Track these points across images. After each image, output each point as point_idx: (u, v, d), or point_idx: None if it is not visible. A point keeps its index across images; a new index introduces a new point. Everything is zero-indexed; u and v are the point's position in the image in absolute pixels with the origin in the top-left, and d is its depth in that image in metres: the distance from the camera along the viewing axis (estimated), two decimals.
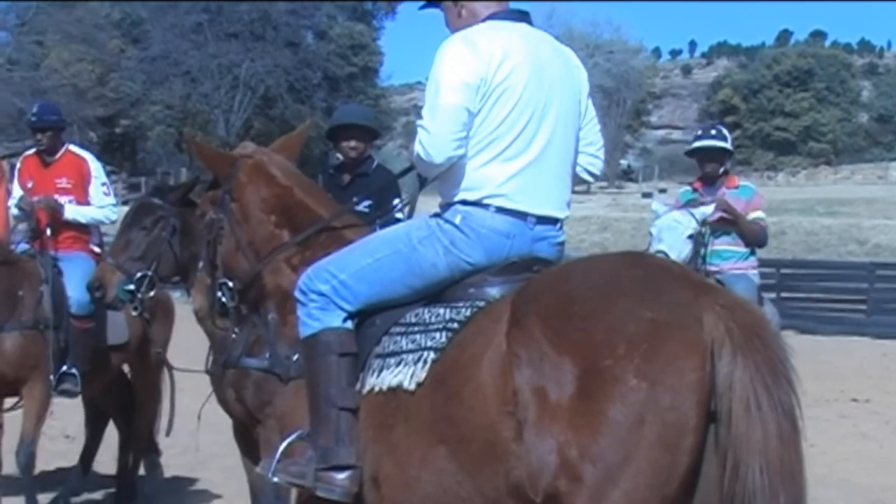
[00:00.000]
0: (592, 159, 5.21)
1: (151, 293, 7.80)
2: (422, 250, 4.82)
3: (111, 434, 10.50)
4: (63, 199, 9.60)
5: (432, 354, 4.56)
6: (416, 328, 4.72)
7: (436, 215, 4.92)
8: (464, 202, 4.80)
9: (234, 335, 6.18)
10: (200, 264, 5.79)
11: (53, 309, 9.07)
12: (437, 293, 4.84)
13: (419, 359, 4.60)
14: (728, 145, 9.43)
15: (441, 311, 4.71)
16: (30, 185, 9.80)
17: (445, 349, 4.54)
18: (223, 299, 5.56)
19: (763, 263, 9.81)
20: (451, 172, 4.83)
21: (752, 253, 9.31)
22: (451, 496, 4.43)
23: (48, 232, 9.50)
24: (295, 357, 5.15)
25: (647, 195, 70.28)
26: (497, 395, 4.23)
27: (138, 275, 7.60)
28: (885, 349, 25.13)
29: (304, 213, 5.48)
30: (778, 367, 4.04)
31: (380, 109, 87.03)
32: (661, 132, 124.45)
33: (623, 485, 3.94)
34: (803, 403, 4.09)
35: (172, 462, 11.12)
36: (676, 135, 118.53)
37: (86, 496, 10.53)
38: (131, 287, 7.60)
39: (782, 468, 3.95)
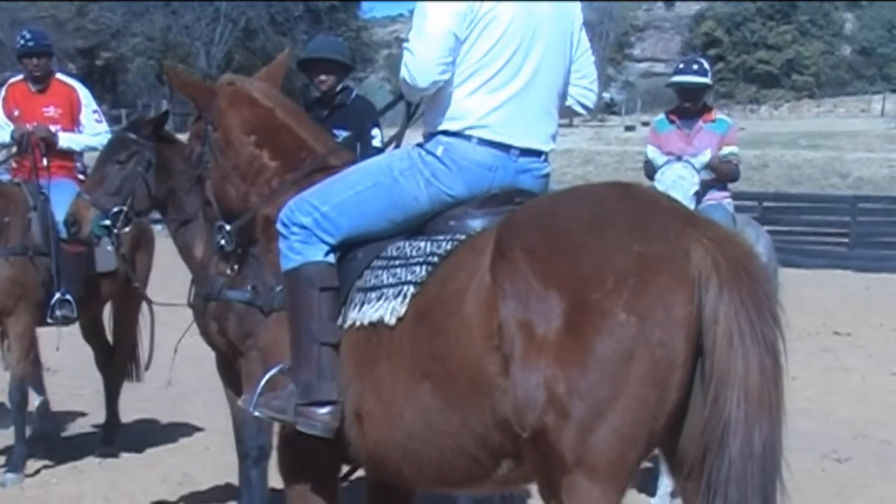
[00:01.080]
0: (585, 92, 5.17)
1: (127, 228, 7.76)
2: (403, 182, 4.78)
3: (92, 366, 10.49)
4: (52, 129, 9.55)
5: (412, 289, 4.52)
6: (397, 262, 4.68)
7: (418, 146, 4.87)
8: (446, 132, 4.75)
9: (229, 272, 6.16)
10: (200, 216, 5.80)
11: (42, 235, 9.04)
12: (419, 225, 4.80)
13: (399, 293, 4.56)
14: (708, 80, 9.37)
15: (422, 244, 4.67)
16: (16, 113, 9.78)
17: (426, 283, 4.50)
18: (222, 242, 5.58)
19: (745, 196, 9.84)
20: (435, 101, 4.79)
21: (724, 185, 9.28)
22: (437, 433, 4.40)
23: (44, 161, 9.49)
24: (279, 288, 5.10)
25: (629, 128, 70.16)
26: (482, 329, 4.19)
27: (114, 210, 7.55)
28: (867, 282, 25.26)
29: (286, 134, 5.44)
30: (763, 301, 4.01)
31: (361, 42, 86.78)
32: (643, 65, 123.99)
33: (611, 420, 3.92)
34: (786, 337, 4.07)
35: (154, 396, 11.14)
36: (659, 68, 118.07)
37: (72, 430, 10.53)
38: (107, 222, 7.54)
39: (760, 402, 3.94)
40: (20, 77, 10.00)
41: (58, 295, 9.17)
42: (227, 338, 7.22)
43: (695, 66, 9.44)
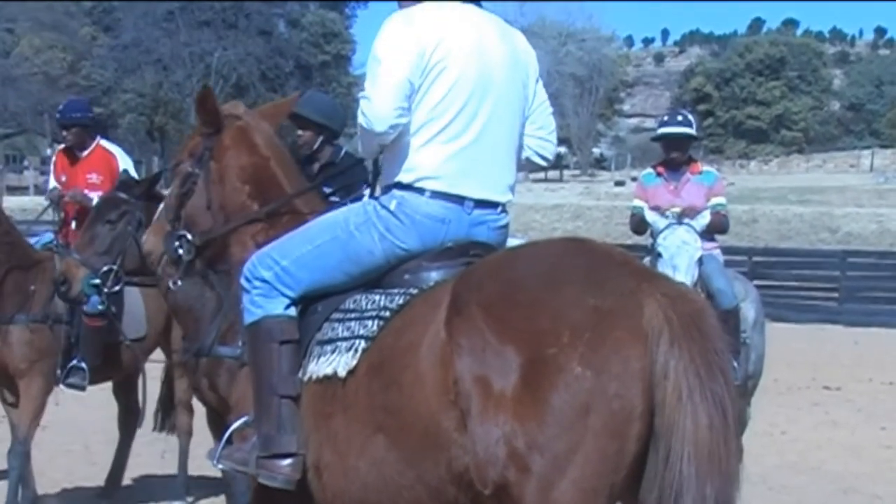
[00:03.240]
0: (543, 143, 5.18)
1: (117, 287, 7.79)
2: (358, 237, 4.82)
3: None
4: (92, 195, 9.77)
5: (363, 343, 4.57)
6: (352, 315, 4.73)
7: (374, 199, 4.93)
8: (399, 185, 4.79)
9: (174, 285, 6.12)
10: (161, 208, 5.68)
11: (66, 304, 9.12)
12: (377, 278, 4.84)
13: (351, 347, 4.60)
14: (693, 131, 9.45)
15: (377, 297, 4.72)
16: (63, 179, 10.17)
17: (378, 337, 4.54)
18: (180, 251, 5.46)
19: (735, 251, 9.85)
20: (390, 153, 4.85)
21: (713, 236, 9.32)
22: (391, 485, 4.43)
23: (73, 225, 9.67)
24: None
25: (619, 183, 70.40)
26: (437, 384, 4.22)
27: (104, 269, 7.57)
28: (856, 337, 25.30)
29: (275, 188, 5.42)
30: (713, 358, 4.04)
31: (352, 98, 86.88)
32: (633, 120, 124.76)
33: (571, 474, 3.95)
34: (775, 391, 4.13)
35: (144, 451, 11.10)
36: (649, 123, 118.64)
37: (61, 486, 10.50)
38: (96, 281, 7.58)
39: (710, 459, 3.96)
40: (63, 145, 10.40)
41: (73, 362, 9.28)
42: (217, 393, 7.24)
43: (679, 118, 9.54)
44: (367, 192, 8.00)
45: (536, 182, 73.49)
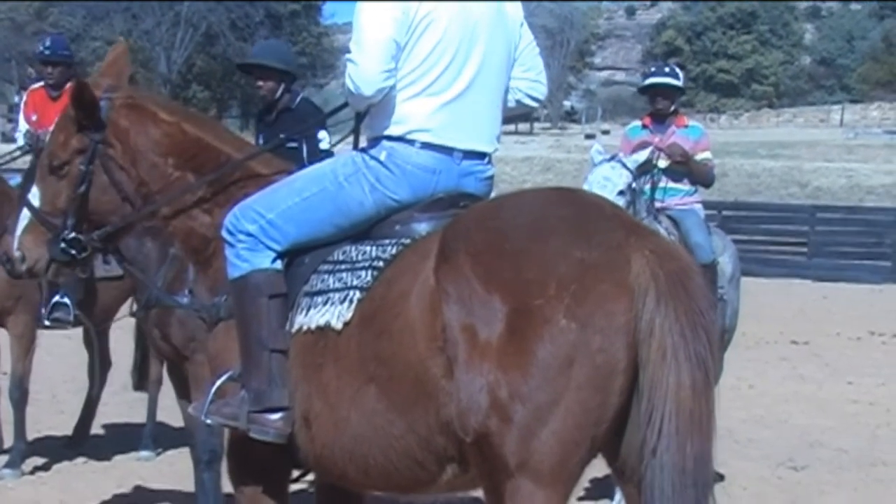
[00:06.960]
0: (533, 84, 5.17)
1: None
2: (348, 188, 4.78)
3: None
4: None
5: (358, 294, 4.54)
6: (343, 266, 4.69)
7: (362, 150, 4.88)
8: (389, 137, 4.76)
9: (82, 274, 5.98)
10: (29, 218, 5.30)
11: None
12: (365, 230, 4.81)
13: (345, 298, 4.56)
14: (680, 83, 9.46)
15: (368, 248, 4.69)
16: (34, 118, 10.11)
17: (372, 287, 4.51)
18: (72, 252, 5.19)
19: (705, 205, 9.78)
20: (378, 107, 4.80)
21: (696, 189, 9.33)
22: (382, 435, 4.42)
23: None
24: (224, 298, 5.02)
25: (590, 136, 70.33)
26: (426, 331, 4.22)
27: None
28: (824, 291, 25.48)
29: (204, 150, 5.19)
30: (697, 318, 4.06)
31: (322, 48, 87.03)
32: (604, 73, 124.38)
33: (552, 425, 3.97)
34: (743, 345, 4.13)
35: (111, 401, 11.08)
36: (620, 76, 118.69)
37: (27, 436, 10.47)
38: None
39: (692, 418, 3.99)
40: (41, 83, 10.32)
41: (56, 297, 9.30)
42: (170, 343, 7.23)
43: (666, 69, 9.58)
44: (322, 135, 8.02)
45: (507, 135, 73.06)
